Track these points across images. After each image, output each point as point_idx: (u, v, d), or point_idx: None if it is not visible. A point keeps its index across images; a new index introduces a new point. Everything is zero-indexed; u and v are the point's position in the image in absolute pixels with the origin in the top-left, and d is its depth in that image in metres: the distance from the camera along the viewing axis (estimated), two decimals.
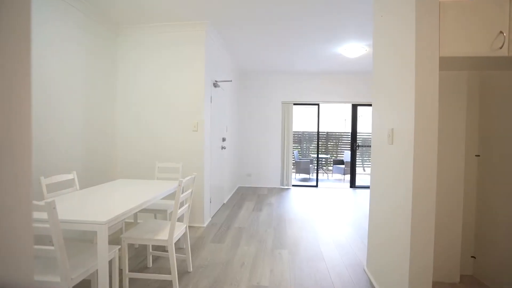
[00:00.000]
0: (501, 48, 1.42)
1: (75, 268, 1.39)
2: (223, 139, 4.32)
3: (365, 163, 8.59)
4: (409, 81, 1.54)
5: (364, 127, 8.05)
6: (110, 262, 1.67)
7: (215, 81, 3.75)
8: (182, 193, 1.95)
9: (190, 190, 2.14)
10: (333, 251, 2.69)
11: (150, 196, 1.92)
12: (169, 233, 1.85)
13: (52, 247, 1.22)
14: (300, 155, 8.52)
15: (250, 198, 4.93)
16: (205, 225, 3.35)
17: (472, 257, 2.20)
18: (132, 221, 2.93)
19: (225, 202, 4.55)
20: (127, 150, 3.46)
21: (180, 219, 2.61)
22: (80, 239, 2.00)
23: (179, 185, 1.84)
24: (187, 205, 2.14)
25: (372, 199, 2.23)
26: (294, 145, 7.47)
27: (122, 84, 3.45)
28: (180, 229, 2.05)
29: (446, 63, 1.65)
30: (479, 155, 2.17)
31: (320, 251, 2.68)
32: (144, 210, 2.60)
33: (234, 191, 5.46)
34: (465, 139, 2.08)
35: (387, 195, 1.89)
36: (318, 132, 6.17)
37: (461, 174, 2.09)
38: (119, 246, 1.70)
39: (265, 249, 2.69)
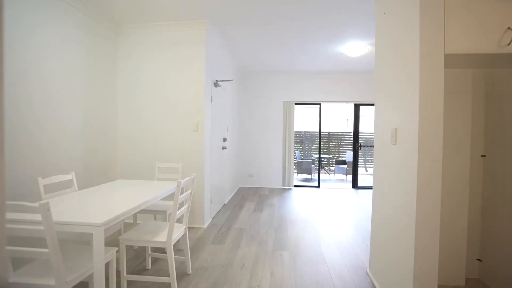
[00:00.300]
0: (509, 44, 1.38)
1: (70, 270, 1.37)
2: (224, 139, 4.29)
3: (368, 163, 8.53)
4: (413, 79, 1.50)
5: (367, 127, 7.99)
6: (108, 264, 1.65)
7: (216, 80, 3.72)
8: (181, 194, 1.92)
9: (189, 191, 2.11)
10: (335, 252, 2.65)
11: (148, 197, 1.90)
12: (168, 234, 1.82)
13: (46, 250, 1.19)
14: (302, 155, 8.47)
15: (251, 198, 4.89)
16: (205, 226, 3.32)
17: (478, 259, 2.15)
18: (132, 221, 2.90)
19: (226, 203, 4.52)
20: (127, 150, 3.45)
21: (179, 220, 2.59)
22: (78, 241, 1.97)
23: (178, 186, 1.81)
24: (186, 206, 2.11)
25: (374, 200, 2.19)
26: (295, 145, 7.43)
27: (123, 84, 3.44)
28: (179, 231, 2.02)
29: (451, 61, 1.61)
30: (484, 155, 2.12)
31: (321, 253, 2.63)
32: (144, 211, 2.58)
33: (235, 191, 5.43)
34: (470, 139, 2.03)
35: (390, 196, 1.84)
36: (320, 132, 6.13)
37: (466, 175, 2.04)
38: (117, 248, 1.67)
39: (266, 250, 2.66)
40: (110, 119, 3.32)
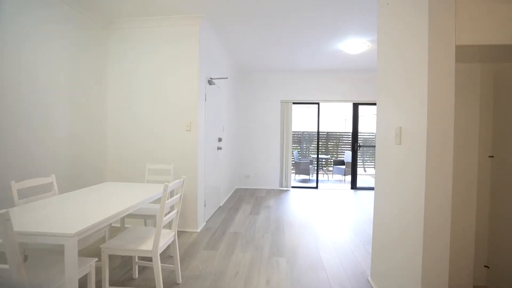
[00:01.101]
0: None
1: (40, 286, 1.22)
2: (219, 139, 4.14)
3: (366, 163, 8.42)
4: (421, 74, 1.37)
5: (365, 127, 7.88)
6: (87, 276, 1.50)
7: (210, 78, 3.58)
8: (169, 198, 1.78)
9: (178, 195, 1.96)
10: (334, 258, 2.51)
11: (133, 203, 1.75)
12: (154, 243, 1.67)
13: (6, 266, 1.04)
14: (300, 156, 8.35)
15: (248, 200, 4.75)
16: (198, 230, 3.17)
17: (485, 266, 2.03)
18: (119, 225, 2.75)
19: (221, 205, 4.37)
20: (117, 151, 3.29)
21: (168, 226, 2.44)
22: (59, 250, 1.82)
23: (165, 190, 1.67)
24: (175, 211, 1.96)
25: (377, 203, 2.05)
26: (293, 145, 7.30)
27: (113, 81, 3.28)
28: (167, 238, 1.88)
29: (458, 54, 1.47)
30: (493, 156, 1.99)
31: (320, 259, 2.50)
32: (133, 216, 2.44)
33: (231, 193, 5.29)
34: (478, 138, 1.91)
35: (394, 199, 1.71)
36: (318, 132, 5.99)
37: (474, 177, 1.91)
38: (96, 259, 1.52)
39: (262, 257, 2.52)
40: (99, 118, 3.17)
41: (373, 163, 8.36)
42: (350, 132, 8.31)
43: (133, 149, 3.26)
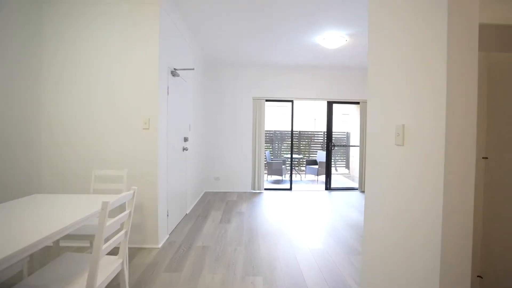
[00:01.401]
0: None
1: None
2: (185, 139, 3.68)
3: (338, 163, 8.44)
4: (435, 60, 1.11)
5: (336, 126, 7.87)
6: None
7: (174, 68, 3.11)
8: (120, 215, 1.34)
9: (127, 211, 1.52)
10: (317, 273, 2.23)
11: (62, 225, 1.28)
12: (88, 280, 1.22)
13: None
14: (272, 156, 8.11)
15: (218, 205, 4.34)
16: (159, 245, 2.70)
17: (478, 276, 1.88)
18: (52, 245, 2.18)
19: (187, 212, 3.91)
20: (56, 154, 2.67)
21: (114, 251, 1.97)
22: None
23: (103, 209, 1.22)
24: (123, 231, 1.52)
25: (368, 214, 1.80)
26: (265, 145, 7.01)
27: (48, 68, 2.66)
28: (111, 269, 1.43)
29: None
30: (486, 158, 1.84)
31: (301, 275, 2.20)
32: (72, 236, 1.93)
33: (199, 197, 4.83)
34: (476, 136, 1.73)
35: (394, 210, 1.45)
36: (292, 130, 5.75)
37: (471, 180, 1.73)
38: None
39: (234, 277, 2.14)
40: (29, 114, 2.54)
41: (344, 163, 8.41)
42: (321, 132, 8.27)
43: (76, 152, 2.68)
